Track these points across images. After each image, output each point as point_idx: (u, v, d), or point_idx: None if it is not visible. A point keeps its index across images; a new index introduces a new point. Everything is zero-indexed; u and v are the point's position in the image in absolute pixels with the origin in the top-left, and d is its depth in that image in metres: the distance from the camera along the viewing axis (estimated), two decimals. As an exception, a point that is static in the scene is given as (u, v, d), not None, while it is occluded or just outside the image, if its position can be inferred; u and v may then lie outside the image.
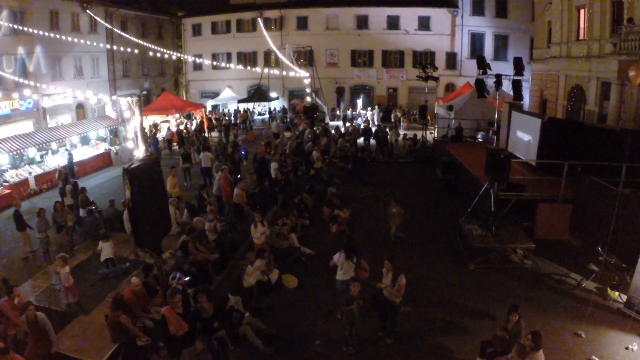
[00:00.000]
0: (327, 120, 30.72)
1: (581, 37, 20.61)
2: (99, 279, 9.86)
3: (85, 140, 22.99)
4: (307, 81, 29.86)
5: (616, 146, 11.97)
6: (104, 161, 21.97)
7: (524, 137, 14.28)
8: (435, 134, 22.64)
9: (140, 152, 7.40)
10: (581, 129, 13.05)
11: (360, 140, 22.84)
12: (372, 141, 22.20)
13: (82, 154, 21.49)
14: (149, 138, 24.75)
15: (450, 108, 19.35)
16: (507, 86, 30.37)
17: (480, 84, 10.79)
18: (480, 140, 19.99)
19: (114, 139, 24.49)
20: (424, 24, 33.49)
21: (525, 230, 10.91)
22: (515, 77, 10.54)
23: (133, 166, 5.92)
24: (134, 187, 5.77)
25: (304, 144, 17.78)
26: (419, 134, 22.21)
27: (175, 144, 25.00)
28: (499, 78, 10.27)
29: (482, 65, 10.54)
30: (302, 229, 11.76)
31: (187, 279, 8.47)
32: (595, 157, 11.48)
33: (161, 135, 25.95)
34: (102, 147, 23.12)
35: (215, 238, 10.11)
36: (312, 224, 12.56)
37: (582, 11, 20.62)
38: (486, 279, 9.62)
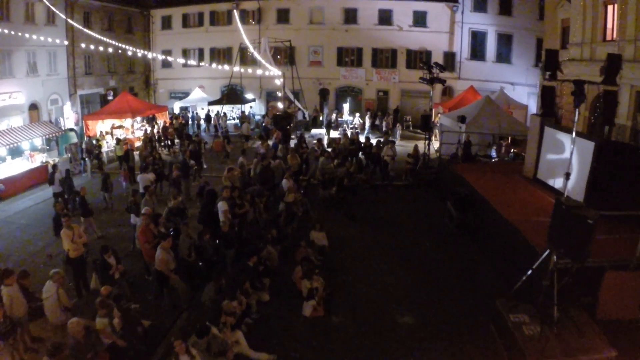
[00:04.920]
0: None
1: (608, 37, 17.54)
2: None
3: (16, 152, 18.83)
4: (279, 81, 25.57)
5: None
6: (39, 177, 17.82)
7: (565, 165, 10.67)
8: (435, 148, 18.78)
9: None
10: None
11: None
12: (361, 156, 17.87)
13: (12, 168, 17.59)
14: (94, 151, 20.66)
15: (462, 120, 15.39)
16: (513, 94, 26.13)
17: (549, 94, 6.88)
18: (495, 158, 16.21)
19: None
20: (419, 19, 30.40)
21: (585, 308, 7.43)
22: (609, 87, 6.70)
23: None
24: None
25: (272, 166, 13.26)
26: (419, 146, 17.58)
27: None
28: (580, 86, 6.27)
29: (552, 65, 6.51)
30: (258, 306, 7.87)
31: None
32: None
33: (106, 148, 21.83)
34: (38, 160, 19.02)
35: (110, 343, 6.21)
36: (277, 294, 8.55)
37: (609, 7, 17.58)
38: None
